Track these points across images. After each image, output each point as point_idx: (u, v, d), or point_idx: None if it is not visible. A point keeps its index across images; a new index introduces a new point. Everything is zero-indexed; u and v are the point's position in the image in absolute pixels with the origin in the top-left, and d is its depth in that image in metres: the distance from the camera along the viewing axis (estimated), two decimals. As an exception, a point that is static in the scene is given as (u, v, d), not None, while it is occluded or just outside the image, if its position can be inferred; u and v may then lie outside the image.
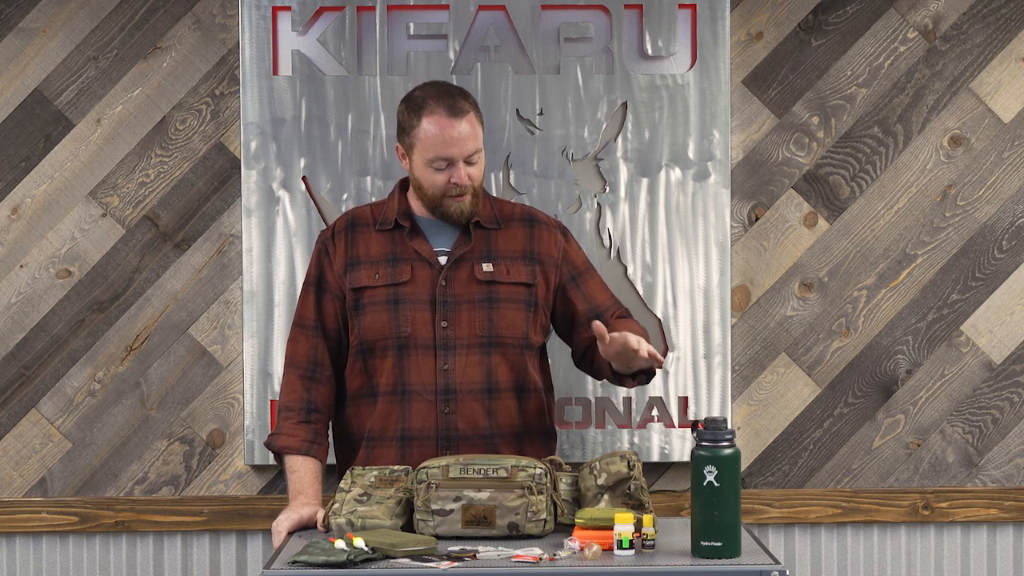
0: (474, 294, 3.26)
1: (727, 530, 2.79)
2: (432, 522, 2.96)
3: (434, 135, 3.18)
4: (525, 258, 3.31)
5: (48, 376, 3.80)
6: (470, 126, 3.19)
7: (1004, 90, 3.85)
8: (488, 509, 2.96)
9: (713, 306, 3.79)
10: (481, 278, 3.26)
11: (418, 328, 3.25)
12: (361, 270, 3.29)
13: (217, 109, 3.79)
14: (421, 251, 3.28)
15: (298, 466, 3.26)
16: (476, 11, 3.76)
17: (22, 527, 3.79)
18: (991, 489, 3.85)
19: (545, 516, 2.97)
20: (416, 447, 3.24)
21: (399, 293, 3.26)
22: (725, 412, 3.78)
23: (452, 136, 3.17)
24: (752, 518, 3.80)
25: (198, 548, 3.82)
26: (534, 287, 3.29)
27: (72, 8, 3.77)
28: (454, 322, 3.25)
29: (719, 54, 3.77)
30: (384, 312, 3.26)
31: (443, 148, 3.18)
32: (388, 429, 3.26)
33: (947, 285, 3.86)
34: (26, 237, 3.80)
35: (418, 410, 3.25)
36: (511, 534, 2.96)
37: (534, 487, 2.99)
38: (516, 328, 3.27)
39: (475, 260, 3.28)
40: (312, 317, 3.32)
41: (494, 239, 3.30)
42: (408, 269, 3.27)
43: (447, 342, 3.24)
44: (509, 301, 3.27)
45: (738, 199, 3.83)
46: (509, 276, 3.28)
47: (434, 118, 3.18)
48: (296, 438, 3.27)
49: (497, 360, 3.26)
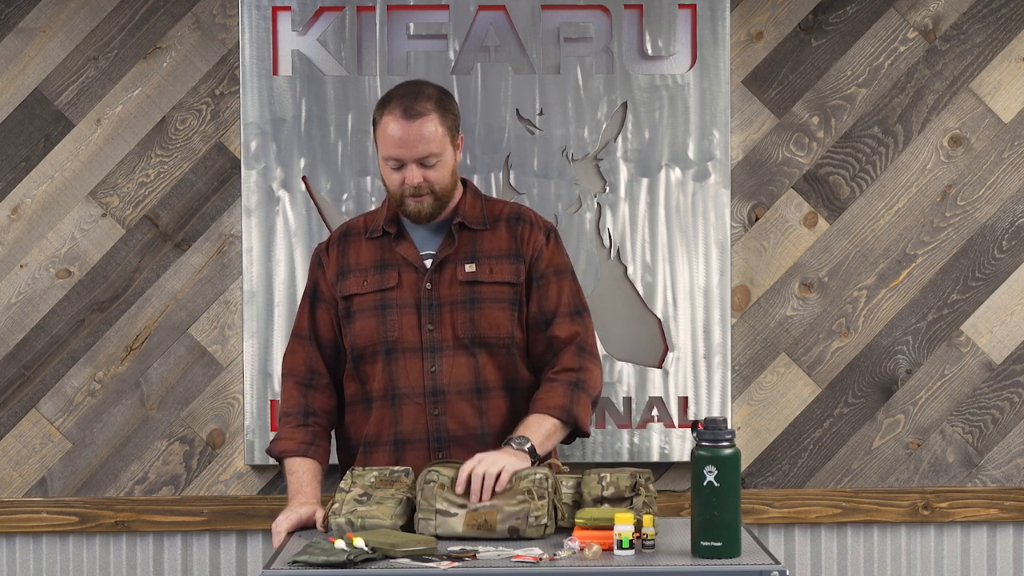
0: (456, 295, 3.26)
1: (727, 530, 2.79)
2: (434, 521, 2.96)
3: (388, 134, 3.19)
4: (510, 257, 3.30)
5: (48, 376, 3.80)
6: (430, 130, 3.18)
7: (1004, 90, 3.85)
8: (490, 514, 2.97)
9: (713, 306, 3.79)
10: (463, 279, 3.26)
11: (405, 332, 3.25)
12: (351, 278, 3.31)
13: (217, 109, 3.79)
14: (407, 255, 3.28)
15: (296, 467, 3.27)
16: (476, 11, 3.76)
17: (22, 527, 3.79)
18: (991, 489, 3.85)
19: (546, 521, 2.97)
20: (409, 450, 3.24)
21: (386, 298, 3.27)
22: (725, 412, 3.78)
23: (403, 137, 3.17)
24: (752, 518, 3.80)
25: (198, 548, 3.82)
26: (519, 286, 3.29)
27: (72, 8, 3.77)
28: (439, 324, 3.25)
29: (719, 54, 3.77)
30: (372, 318, 3.27)
31: (393, 148, 3.19)
32: (382, 433, 3.28)
33: (947, 285, 3.86)
34: (26, 237, 3.80)
35: (409, 413, 3.25)
36: (511, 538, 2.96)
37: (535, 492, 2.99)
38: (500, 328, 3.26)
39: (459, 262, 3.28)
40: (307, 328, 3.35)
41: (479, 240, 3.30)
42: (395, 274, 3.28)
43: (433, 344, 3.25)
44: (492, 301, 3.27)
45: (738, 199, 3.83)
46: (492, 276, 3.27)
47: (391, 117, 3.19)
48: (294, 440, 3.28)
49: (484, 360, 3.26)
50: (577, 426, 3.24)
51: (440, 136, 3.19)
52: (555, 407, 3.21)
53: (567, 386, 3.24)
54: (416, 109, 3.18)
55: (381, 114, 3.22)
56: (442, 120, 3.20)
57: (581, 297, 3.35)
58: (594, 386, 3.29)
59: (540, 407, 3.22)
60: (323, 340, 3.33)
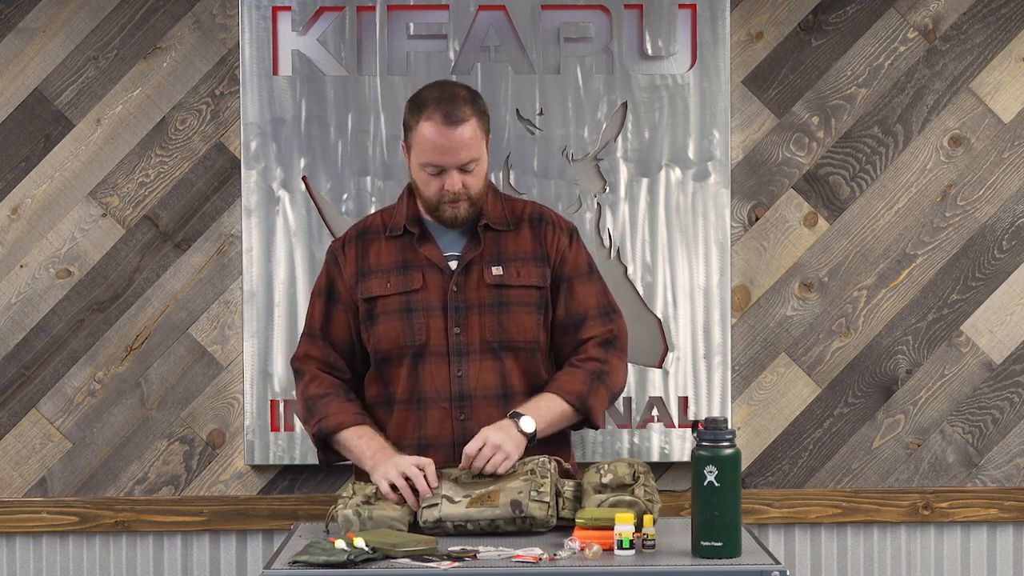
0: (484, 299, 3.22)
1: (727, 530, 2.79)
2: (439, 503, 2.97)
3: (428, 140, 3.14)
4: (536, 260, 3.26)
5: (48, 376, 3.80)
6: (469, 134, 3.13)
7: (1004, 90, 3.85)
8: (493, 490, 2.97)
9: (713, 306, 3.79)
10: (491, 282, 3.22)
11: (432, 335, 3.21)
12: (372, 279, 3.26)
13: (217, 109, 3.79)
14: (432, 257, 3.24)
15: (361, 432, 3.19)
16: (476, 11, 3.76)
17: (22, 527, 3.79)
18: (991, 489, 3.85)
19: (548, 499, 2.97)
20: (432, 454, 3.16)
21: (411, 301, 3.23)
22: (725, 412, 3.78)
23: (445, 144, 3.13)
24: (752, 518, 3.80)
25: (198, 548, 3.82)
26: (544, 289, 3.26)
27: (72, 8, 3.77)
28: (466, 328, 3.22)
29: (719, 54, 3.77)
30: (397, 321, 3.23)
31: (435, 155, 3.14)
32: (404, 437, 3.23)
33: (947, 285, 3.86)
34: (26, 237, 3.80)
35: (433, 417, 3.22)
36: (514, 514, 2.95)
37: (539, 471, 3.00)
38: (527, 332, 3.24)
39: (485, 264, 3.24)
40: (319, 326, 3.30)
41: (504, 241, 3.27)
42: (419, 276, 3.24)
43: (460, 348, 3.21)
44: (520, 305, 3.24)
45: (738, 199, 3.83)
46: (519, 279, 3.24)
47: (430, 123, 3.13)
48: (346, 413, 3.21)
49: (510, 364, 3.23)
50: (589, 416, 3.22)
51: (479, 140, 3.16)
52: (571, 392, 3.20)
53: (588, 375, 3.22)
54: (456, 115, 3.13)
55: (417, 119, 3.15)
56: (480, 123, 3.17)
57: (610, 297, 3.33)
58: (616, 381, 3.27)
59: (556, 388, 3.20)
60: (335, 340, 3.29)
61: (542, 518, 2.98)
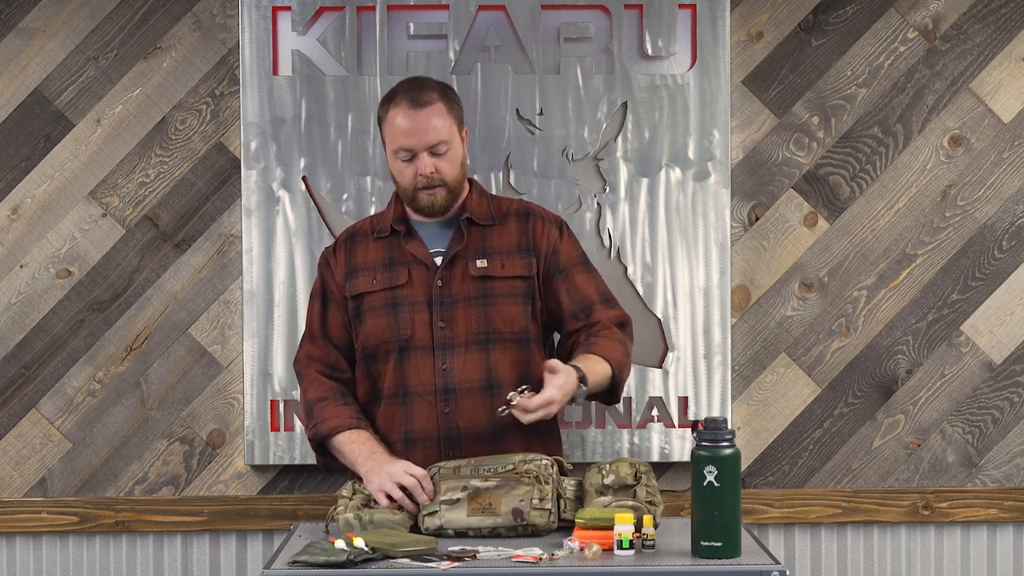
0: (469, 291, 3.26)
1: (727, 530, 2.79)
2: (439, 512, 2.97)
3: (396, 126, 3.22)
4: (521, 251, 3.31)
5: (48, 376, 3.80)
6: (436, 117, 3.20)
7: (1004, 90, 3.85)
8: (494, 496, 2.97)
9: (713, 306, 3.79)
10: (475, 274, 3.27)
11: (417, 330, 3.25)
12: (360, 277, 3.31)
13: (217, 109, 3.79)
14: (417, 253, 3.29)
15: (355, 436, 3.22)
16: (476, 11, 3.76)
17: (22, 527, 3.79)
18: (991, 489, 3.85)
19: (550, 507, 2.97)
20: (419, 448, 3.23)
21: (397, 296, 3.27)
22: (725, 412, 3.78)
23: (411, 127, 3.20)
24: (752, 518, 3.80)
25: (198, 548, 3.82)
26: (531, 279, 3.29)
27: (72, 8, 3.77)
28: (450, 321, 3.25)
29: (719, 54, 3.77)
30: (384, 316, 3.27)
31: (404, 138, 3.21)
32: (393, 432, 3.27)
33: (947, 285, 3.86)
34: (26, 237, 3.80)
35: (419, 411, 3.25)
36: (516, 522, 2.96)
37: (541, 476, 3.00)
38: (514, 322, 3.27)
39: (470, 258, 3.28)
40: (318, 327, 3.36)
41: (489, 235, 3.31)
42: (405, 272, 3.28)
43: (445, 342, 3.25)
44: (505, 296, 3.27)
45: (738, 199, 3.83)
46: (504, 270, 3.28)
47: (398, 108, 3.22)
48: (342, 416, 3.25)
49: (497, 356, 3.26)
50: (616, 389, 3.24)
51: (448, 125, 3.23)
52: (613, 359, 3.22)
53: (623, 345, 3.26)
54: (422, 99, 3.21)
55: (387, 109, 3.25)
56: (448, 110, 3.24)
57: (607, 286, 3.39)
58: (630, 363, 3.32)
59: (600, 350, 3.21)
60: (335, 339, 3.34)
61: (543, 526, 2.98)
